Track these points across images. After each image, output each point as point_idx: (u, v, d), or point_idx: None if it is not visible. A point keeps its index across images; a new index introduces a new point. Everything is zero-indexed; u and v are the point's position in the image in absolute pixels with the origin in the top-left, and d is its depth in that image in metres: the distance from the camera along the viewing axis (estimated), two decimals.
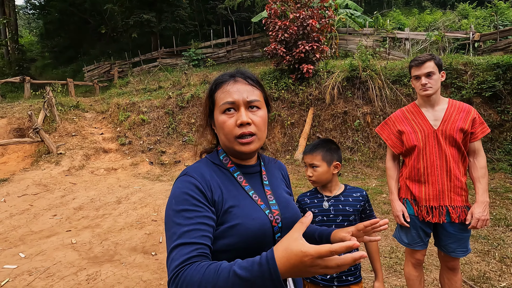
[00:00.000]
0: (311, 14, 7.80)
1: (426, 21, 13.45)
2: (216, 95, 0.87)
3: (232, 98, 0.82)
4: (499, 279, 2.48)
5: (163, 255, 3.13)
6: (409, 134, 1.82)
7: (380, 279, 1.51)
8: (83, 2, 18.44)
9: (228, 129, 0.82)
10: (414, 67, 1.78)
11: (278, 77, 8.40)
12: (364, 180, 5.71)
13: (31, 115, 6.97)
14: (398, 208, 1.86)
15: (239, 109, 0.83)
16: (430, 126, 1.78)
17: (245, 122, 0.81)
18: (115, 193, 5.31)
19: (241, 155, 0.87)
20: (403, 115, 1.90)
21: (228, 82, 0.86)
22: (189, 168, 0.85)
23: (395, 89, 7.03)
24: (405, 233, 1.87)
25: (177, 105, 8.81)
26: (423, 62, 1.74)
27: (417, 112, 1.85)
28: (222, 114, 0.84)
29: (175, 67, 13.26)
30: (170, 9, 15.15)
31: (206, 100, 0.91)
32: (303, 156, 1.59)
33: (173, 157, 7.61)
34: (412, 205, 1.83)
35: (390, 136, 1.94)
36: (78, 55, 19.67)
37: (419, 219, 1.80)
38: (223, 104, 0.83)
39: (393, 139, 1.92)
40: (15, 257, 3.14)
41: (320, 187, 1.57)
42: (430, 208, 1.76)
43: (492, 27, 11.01)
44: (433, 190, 1.76)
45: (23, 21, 28.93)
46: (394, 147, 1.92)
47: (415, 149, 1.80)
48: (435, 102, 1.80)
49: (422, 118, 1.81)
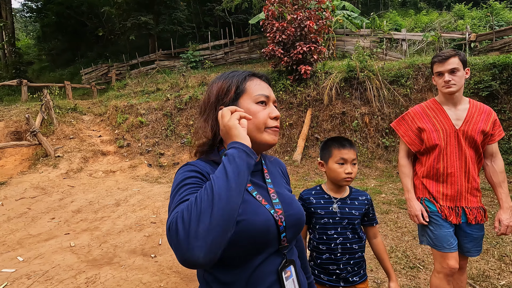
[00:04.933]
0: (308, 16, 7.83)
1: (423, 22, 13.53)
2: (248, 84, 0.88)
3: (267, 93, 0.88)
4: (498, 278, 2.49)
5: (163, 257, 3.12)
6: (430, 132, 1.72)
7: (393, 279, 1.46)
8: (80, 5, 18.40)
9: (263, 118, 0.85)
10: (437, 63, 1.68)
11: (276, 78, 8.42)
12: (363, 180, 5.72)
13: (29, 118, 6.94)
14: (416, 207, 1.74)
15: (269, 105, 0.88)
16: (452, 125, 1.69)
17: (279, 116, 0.88)
18: (113, 196, 5.28)
19: (263, 146, 0.87)
20: (423, 112, 1.79)
21: (256, 77, 0.91)
22: (189, 162, 0.85)
23: (392, 89, 7.06)
24: (434, 233, 1.71)
25: (175, 107, 8.80)
26: (447, 58, 1.64)
27: (438, 109, 1.75)
28: (254, 104, 0.86)
29: (173, 69, 13.25)
30: (168, 11, 15.15)
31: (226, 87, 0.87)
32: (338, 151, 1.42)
33: (172, 159, 7.60)
34: (433, 202, 1.73)
35: (408, 133, 1.82)
36: (75, 58, 19.61)
37: (441, 217, 1.71)
38: (259, 95, 0.87)
39: (411, 136, 1.81)
40: (13, 260, 3.12)
41: (328, 187, 1.51)
42: (449, 208, 1.70)
43: (488, 27, 11.10)
44: (452, 190, 1.69)
45: (20, 24, 28.82)
46: (411, 144, 1.81)
47: (436, 148, 1.71)
48: (458, 101, 1.71)
49: (444, 116, 1.72)
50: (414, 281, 2.49)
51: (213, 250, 0.60)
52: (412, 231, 3.44)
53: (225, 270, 0.80)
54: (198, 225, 0.59)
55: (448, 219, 1.69)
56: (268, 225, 0.79)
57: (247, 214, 0.77)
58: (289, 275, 0.84)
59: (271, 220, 0.80)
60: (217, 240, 0.60)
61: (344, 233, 1.44)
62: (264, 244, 0.80)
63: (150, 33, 15.02)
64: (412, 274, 2.59)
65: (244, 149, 0.70)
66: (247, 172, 0.68)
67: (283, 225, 0.82)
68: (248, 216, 0.77)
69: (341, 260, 1.42)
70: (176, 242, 0.60)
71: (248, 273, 0.79)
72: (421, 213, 1.74)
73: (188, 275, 2.76)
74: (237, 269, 0.79)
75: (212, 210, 0.60)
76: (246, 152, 0.70)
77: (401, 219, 3.81)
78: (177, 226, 0.61)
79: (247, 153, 0.70)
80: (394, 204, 4.32)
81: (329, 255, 1.44)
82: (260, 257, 0.80)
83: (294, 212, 0.87)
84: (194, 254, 0.58)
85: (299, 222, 0.88)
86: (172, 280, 2.70)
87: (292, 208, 0.88)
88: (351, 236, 1.44)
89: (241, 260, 0.78)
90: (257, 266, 0.79)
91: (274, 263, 0.82)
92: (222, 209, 0.61)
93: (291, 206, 0.88)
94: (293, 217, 0.86)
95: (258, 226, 0.77)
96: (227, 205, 0.62)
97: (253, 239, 0.77)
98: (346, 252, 1.43)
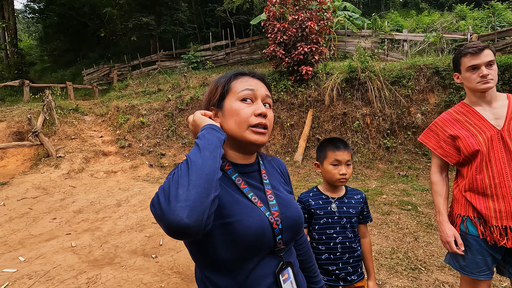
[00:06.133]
0: (309, 16, 7.83)
1: (424, 22, 13.51)
2: (233, 83, 0.87)
3: (252, 87, 0.85)
4: (500, 279, 2.48)
5: (164, 258, 3.12)
6: (466, 138, 1.45)
7: (372, 278, 1.53)
8: (82, 6, 18.47)
9: (244, 116, 0.81)
10: (471, 55, 1.44)
11: (277, 79, 8.42)
12: (364, 181, 5.71)
13: (31, 119, 6.96)
14: (448, 233, 1.48)
15: (256, 101, 0.85)
16: (491, 126, 1.43)
17: (264, 113, 0.82)
18: (115, 196, 5.29)
19: (250, 146, 0.85)
20: (452, 118, 1.55)
21: (245, 75, 0.89)
22: None
23: (394, 90, 7.05)
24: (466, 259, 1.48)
25: (176, 108, 8.81)
26: (482, 49, 1.42)
27: (470, 112, 1.51)
28: (238, 101, 0.83)
29: (174, 70, 13.28)
30: (169, 12, 15.20)
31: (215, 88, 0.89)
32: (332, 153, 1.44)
33: (173, 159, 7.61)
34: (476, 225, 1.45)
35: (440, 144, 1.56)
36: (77, 59, 19.69)
37: (487, 242, 1.42)
38: (242, 91, 0.84)
39: (445, 147, 1.55)
40: (15, 260, 3.13)
41: (324, 187, 1.54)
42: (504, 228, 1.37)
43: (489, 28, 11.06)
44: (505, 205, 1.37)
45: (22, 25, 28.95)
46: (447, 156, 1.54)
47: (477, 155, 1.43)
48: (492, 98, 1.47)
49: (479, 118, 1.47)
50: (415, 283, 2.48)
51: (196, 210, 0.60)
52: (414, 232, 3.43)
53: (221, 273, 0.79)
54: (178, 188, 0.61)
55: (499, 243, 1.38)
56: (263, 227, 0.78)
57: (240, 215, 0.77)
58: (286, 277, 0.83)
59: (265, 223, 0.79)
60: (198, 200, 0.60)
61: (343, 232, 1.47)
62: (259, 247, 0.79)
63: (151, 34, 15.07)
64: (414, 276, 2.59)
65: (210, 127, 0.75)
66: (218, 143, 0.72)
67: (278, 228, 0.81)
68: (241, 217, 0.77)
69: (340, 259, 1.45)
70: (159, 211, 0.61)
71: (244, 276, 0.78)
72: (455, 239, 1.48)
73: (189, 276, 2.76)
74: (234, 272, 0.78)
75: (189, 174, 0.63)
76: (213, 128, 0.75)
77: (402, 220, 3.80)
78: (158, 196, 0.63)
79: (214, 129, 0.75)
80: (395, 205, 4.31)
81: (328, 255, 1.46)
82: (256, 260, 0.79)
83: (291, 214, 0.86)
84: (177, 215, 0.58)
85: (296, 224, 0.87)
86: (173, 281, 2.70)
87: (290, 210, 0.87)
88: (350, 235, 1.47)
89: (237, 262, 0.78)
90: (253, 269, 0.79)
91: (271, 265, 0.81)
92: (198, 171, 0.64)
93: (289, 208, 0.87)
94: (290, 219, 0.85)
95: (251, 228, 0.76)
96: (203, 168, 0.65)
97: (247, 241, 0.76)
98: (346, 251, 1.46)
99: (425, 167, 6.09)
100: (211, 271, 0.80)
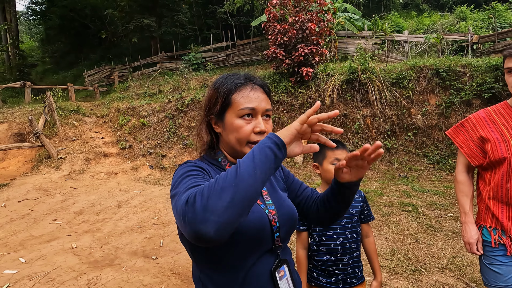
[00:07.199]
0: (310, 18, 7.85)
1: (425, 23, 13.51)
2: (234, 97, 0.86)
3: (253, 105, 0.84)
4: None
5: (164, 259, 3.12)
6: (496, 143, 1.35)
7: (378, 279, 1.51)
8: (83, 7, 18.57)
9: (244, 134, 0.84)
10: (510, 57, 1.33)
11: (277, 80, 8.43)
12: (365, 182, 5.70)
13: (32, 120, 6.98)
14: (472, 234, 1.43)
15: (257, 117, 0.85)
16: None
17: (264, 131, 0.84)
18: (115, 197, 5.30)
19: None
20: (488, 118, 1.43)
21: (246, 86, 0.87)
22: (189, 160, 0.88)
23: (394, 91, 7.05)
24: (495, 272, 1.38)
25: (177, 109, 8.83)
26: None
27: (510, 115, 1.39)
28: (239, 118, 0.84)
29: (175, 71, 13.32)
30: (170, 14, 15.25)
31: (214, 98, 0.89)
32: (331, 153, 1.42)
33: (173, 160, 7.62)
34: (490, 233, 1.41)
35: (468, 143, 1.49)
36: (78, 60, 19.75)
37: (506, 253, 1.35)
38: (243, 109, 0.84)
39: (472, 147, 1.47)
40: (15, 262, 3.13)
41: (323, 189, 1.54)
42: None
43: (490, 29, 11.06)
44: None
45: (24, 27, 29.08)
46: (471, 156, 1.47)
47: (504, 162, 1.34)
48: None
49: None
50: (416, 284, 2.48)
51: (226, 228, 0.59)
52: (414, 233, 3.43)
53: (220, 270, 0.81)
54: (218, 200, 0.59)
55: None
56: (263, 222, 0.82)
57: None
58: (282, 274, 0.85)
59: (265, 218, 0.83)
60: (231, 220, 0.59)
61: (343, 233, 1.46)
62: (258, 243, 0.81)
63: (152, 36, 15.11)
64: (414, 277, 2.58)
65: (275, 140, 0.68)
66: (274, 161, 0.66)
67: (276, 225, 0.84)
68: None
69: (341, 261, 1.45)
70: (192, 214, 0.59)
71: (243, 273, 0.80)
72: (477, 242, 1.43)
73: (189, 277, 2.76)
74: (232, 269, 0.80)
75: (234, 189, 0.60)
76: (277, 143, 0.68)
77: (403, 221, 3.79)
78: (195, 199, 0.61)
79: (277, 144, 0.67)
80: (396, 207, 4.30)
81: (329, 256, 1.46)
82: (254, 257, 0.82)
83: (285, 211, 0.89)
84: (207, 227, 0.58)
85: (291, 219, 0.90)
86: (173, 282, 2.70)
87: (283, 207, 0.90)
88: (350, 236, 1.47)
89: (236, 259, 0.80)
90: (251, 266, 0.81)
91: (268, 263, 0.84)
92: (244, 192, 0.60)
93: (282, 205, 0.90)
94: (285, 216, 0.88)
95: (254, 223, 0.79)
96: (249, 190, 0.61)
97: (249, 236, 0.78)
98: (346, 252, 1.45)
99: (426, 169, 6.08)
100: (211, 268, 0.82)
